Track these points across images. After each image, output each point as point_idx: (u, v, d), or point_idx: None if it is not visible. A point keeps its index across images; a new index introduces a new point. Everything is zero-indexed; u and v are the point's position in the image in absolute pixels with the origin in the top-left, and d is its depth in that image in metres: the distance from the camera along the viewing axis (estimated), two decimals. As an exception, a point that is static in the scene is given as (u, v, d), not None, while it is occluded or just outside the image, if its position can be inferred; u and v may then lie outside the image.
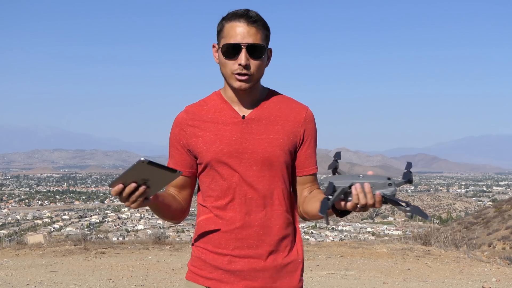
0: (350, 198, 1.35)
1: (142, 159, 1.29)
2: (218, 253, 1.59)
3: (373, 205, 1.33)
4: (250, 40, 1.52)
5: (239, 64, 1.53)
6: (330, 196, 1.35)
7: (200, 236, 1.64)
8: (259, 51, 1.54)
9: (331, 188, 1.35)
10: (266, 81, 1.69)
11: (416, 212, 1.29)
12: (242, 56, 1.52)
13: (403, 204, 1.30)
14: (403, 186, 1.37)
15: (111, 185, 1.37)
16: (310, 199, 1.65)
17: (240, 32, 1.52)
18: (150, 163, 1.30)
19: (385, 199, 1.32)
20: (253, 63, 1.54)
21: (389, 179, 1.32)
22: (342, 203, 1.37)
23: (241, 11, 1.55)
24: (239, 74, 1.54)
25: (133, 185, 1.35)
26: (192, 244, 1.69)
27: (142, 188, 1.37)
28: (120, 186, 1.36)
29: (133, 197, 1.38)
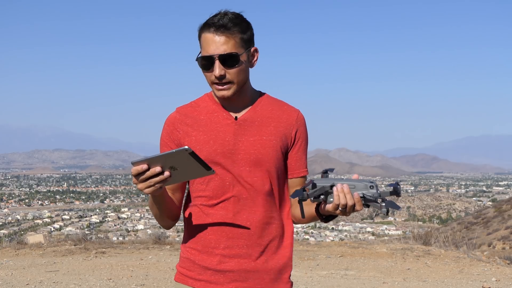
0: (331, 199, 1.37)
1: (187, 147, 1.25)
2: (209, 252, 1.59)
3: (353, 207, 1.35)
4: (221, 50, 1.51)
5: (215, 76, 1.53)
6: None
7: (190, 237, 1.64)
8: (233, 60, 1.52)
9: (311, 185, 1.37)
10: (265, 81, 1.70)
11: (390, 206, 1.31)
12: (216, 68, 1.52)
13: (379, 201, 1.32)
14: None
15: (135, 163, 1.30)
16: (296, 202, 1.66)
17: (211, 43, 1.52)
18: (193, 154, 1.27)
19: (365, 201, 1.34)
20: (230, 72, 1.53)
21: (371, 182, 1.35)
22: (325, 205, 1.39)
23: (211, 20, 1.53)
24: (218, 84, 1.55)
25: (158, 169, 1.31)
26: (182, 245, 1.69)
27: (166, 174, 1.32)
28: (145, 166, 1.31)
29: (152, 181, 1.34)
